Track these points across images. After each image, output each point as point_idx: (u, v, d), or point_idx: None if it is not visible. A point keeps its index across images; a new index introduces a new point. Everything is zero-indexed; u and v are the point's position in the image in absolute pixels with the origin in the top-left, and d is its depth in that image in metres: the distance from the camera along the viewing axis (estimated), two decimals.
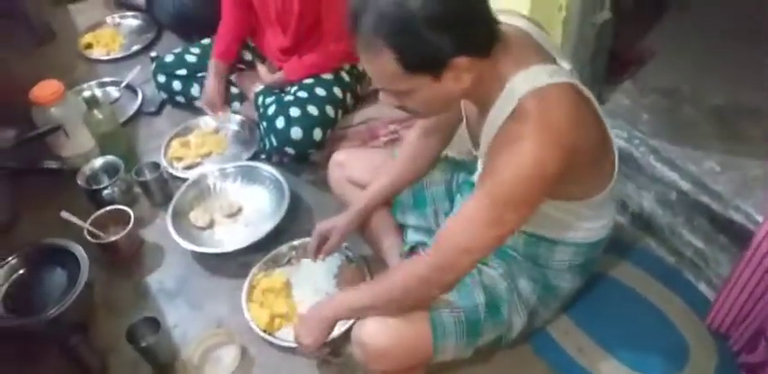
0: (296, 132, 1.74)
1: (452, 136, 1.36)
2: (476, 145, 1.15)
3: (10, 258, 1.61)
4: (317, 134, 1.77)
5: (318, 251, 1.47)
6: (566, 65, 1.02)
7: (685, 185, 1.39)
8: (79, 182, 1.80)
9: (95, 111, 1.85)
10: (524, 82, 0.95)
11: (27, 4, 2.62)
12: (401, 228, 1.48)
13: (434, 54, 0.91)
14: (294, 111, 1.76)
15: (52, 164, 1.92)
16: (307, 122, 1.75)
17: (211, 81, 2.01)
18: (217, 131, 2.06)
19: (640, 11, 1.85)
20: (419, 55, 0.91)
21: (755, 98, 1.61)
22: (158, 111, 2.20)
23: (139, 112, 2.19)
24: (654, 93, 1.65)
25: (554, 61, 1.01)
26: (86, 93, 1.82)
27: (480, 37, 0.94)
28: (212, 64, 2.00)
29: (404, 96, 0.99)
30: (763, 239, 1.09)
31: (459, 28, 0.89)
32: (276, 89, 1.94)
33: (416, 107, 1.03)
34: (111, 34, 2.53)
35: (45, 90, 1.89)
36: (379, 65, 0.94)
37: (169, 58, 2.10)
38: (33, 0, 2.67)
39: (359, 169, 1.49)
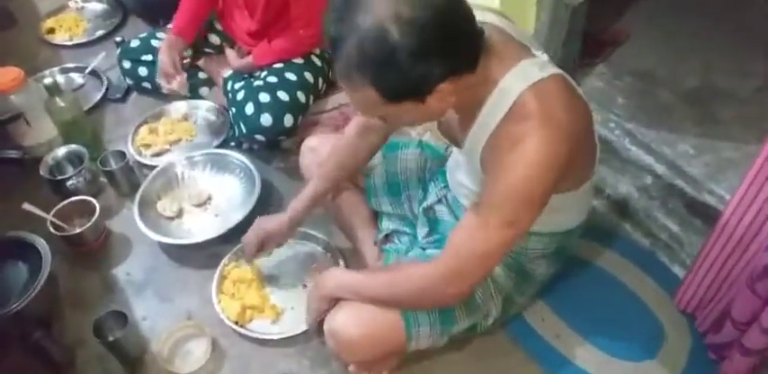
0: (266, 119, 1.69)
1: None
2: (453, 142, 1.12)
3: None
4: (288, 120, 1.72)
5: (254, 257, 1.45)
6: (541, 54, 0.99)
7: (660, 168, 1.37)
8: (42, 172, 1.74)
9: (57, 99, 1.78)
10: (517, 79, 0.92)
11: None
12: (375, 215, 1.46)
13: (419, 85, 0.86)
14: (264, 97, 1.72)
15: (13, 154, 1.85)
16: (277, 108, 1.71)
17: (164, 51, 1.89)
18: (186, 118, 2.00)
19: None
20: (402, 88, 0.86)
21: (731, 81, 1.60)
22: (124, 98, 2.13)
23: (105, 99, 2.13)
24: (628, 76, 1.63)
25: (530, 52, 0.98)
26: (47, 80, 1.74)
27: (467, 56, 0.89)
28: (168, 38, 1.91)
29: (384, 116, 0.95)
30: (728, 220, 1.08)
31: (444, 54, 0.84)
32: (245, 74, 1.89)
33: (397, 123, 0.99)
34: (75, 19, 2.44)
35: (4, 77, 1.82)
36: (360, 96, 0.89)
37: (134, 44, 2.03)
38: None
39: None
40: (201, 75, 2.03)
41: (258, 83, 1.77)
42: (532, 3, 1.49)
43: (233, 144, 1.86)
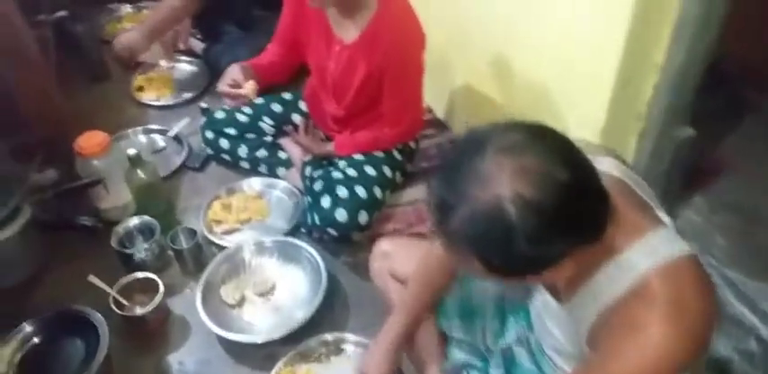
0: (341, 214, 1.66)
1: None
2: (550, 290, 1.04)
3: (25, 324, 1.55)
4: (363, 217, 1.68)
5: None
6: (663, 216, 0.92)
7: (765, 332, 1.26)
8: (113, 243, 1.74)
9: (138, 171, 1.80)
10: (643, 255, 0.83)
11: (88, 41, 2.62)
12: (444, 341, 1.38)
13: (530, 265, 0.79)
14: (341, 192, 1.69)
15: (86, 221, 1.87)
16: (353, 204, 1.68)
17: (224, 75, 1.96)
18: (260, 196, 1.99)
19: (716, 119, 1.74)
20: (512, 267, 0.80)
21: None
22: (202, 167, 2.14)
23: (183, 166, 2.15)
24: (729, 212, 1.54)
25: (653, 214, 0.91)
26: (131, 152, 1.76)
27: (592, 232, 0.80)
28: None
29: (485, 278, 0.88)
30: None
31: (567, 234, 0.77)
32: (325, 160, 1.88)
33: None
34: (164, 78, 2.50)
35: (90, 140, 1.85)
36: (465, 264, 0.82)
37: (220, 115, 2.05)
38: (94, 37, 2.68)
39: (403, 263, 1.40)
40: (282, 154, 2.03)
41: (337, 175, 1.75)
42: (635, 131, 1.42)
43: (303, 230, 1.84)
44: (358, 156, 1.79)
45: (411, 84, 1.69)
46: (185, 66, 2.58)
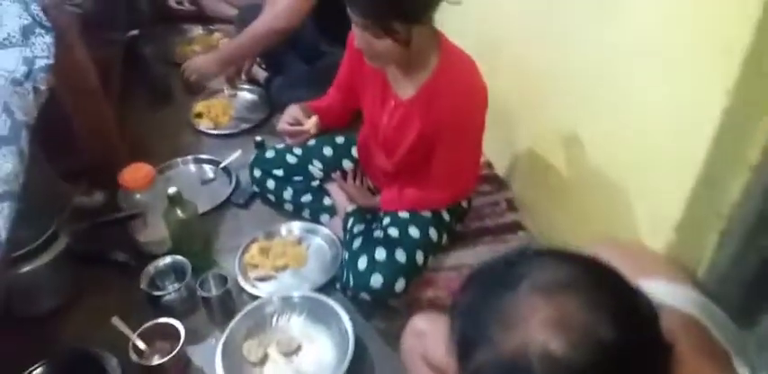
0: (376, 279, 1.55)
1: None
2: None
3: (37, 365, 1.51)
4: (400, 285, 1.57)
5: None
6: (741, 367, 0.77)
7: None
8: (142, 284, 1.68)
9: (177, 210, 1.74)
10: None
11: (155, 63, 2.64)
12: None
13: None
14: (380, 254, 1.58)
15: (121, 257, 1.83)
16: (391, 270, 1.56)
17: (285, 114, 1.88)
18: (300, 242, 1.91)
19: None
20: None
21: None
22: (246, 205, 2.08)
23: (228, 201, 2.09)
24: None
25: (727, 361, 0.76)
26: (172, 190, 1.71)
27: None
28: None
29: None
30: None
31: None
32: (369, 213, 1.78)
33: None
34: (224, 106, 2.47)
35: (135, 174, 1.82)
36: None
37: (270, 154, 1.98)
38: (161, 58, 2.70)
39: (438, 346, 1.26)
40: (327, 200, 1.94)
41: (378, 234, 1.65)
42: (715, 231, 1.25)
43: (338, 286, 1.73)
44: (403, 214, 1.68)
45: (466, 148, 1.58)
46: (246, 95, 2.55)
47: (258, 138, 2.17)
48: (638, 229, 1.35)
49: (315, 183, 1.95)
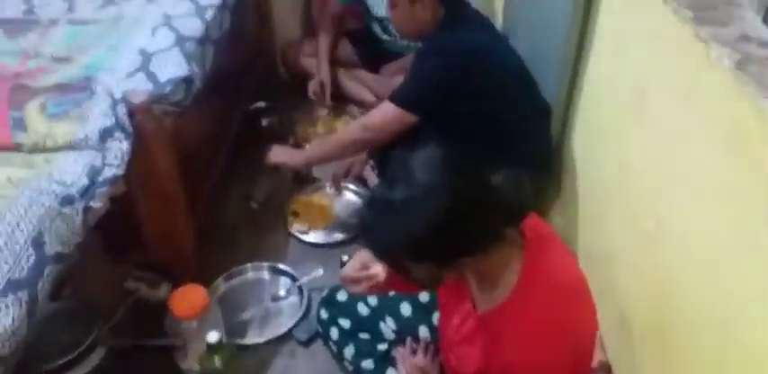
0: None
1: None
2: None
3: None
4: None
5: None
6: None
7: None
8: None
9: (215, 358, 1.52)
10: None
11: (267, 138, 2.48)
12: None
13: None
14: None
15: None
16: None
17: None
18: None
19: None
20: None
21: None
22: (307, 344, 1.81)
23: (288, 333, 1.83)
24: None
25: None
26: (212, 338, 1.48)
27: None
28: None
29: None
30: None
31: None
32: None
33: None
34: (323, 208, 2.22)
35: (186, 300, 1.64)
36: None
37: (341, 297, 1.70)
38: (279, 139, 2.52)
39: None
40: (391, 372, 1.60)
41: None
42: None
43: None
44: None
45: None
46: (351, 198, 2.29)
47: (344, 258, 1.90)
48: None
49: (382, 347, 1.62)
